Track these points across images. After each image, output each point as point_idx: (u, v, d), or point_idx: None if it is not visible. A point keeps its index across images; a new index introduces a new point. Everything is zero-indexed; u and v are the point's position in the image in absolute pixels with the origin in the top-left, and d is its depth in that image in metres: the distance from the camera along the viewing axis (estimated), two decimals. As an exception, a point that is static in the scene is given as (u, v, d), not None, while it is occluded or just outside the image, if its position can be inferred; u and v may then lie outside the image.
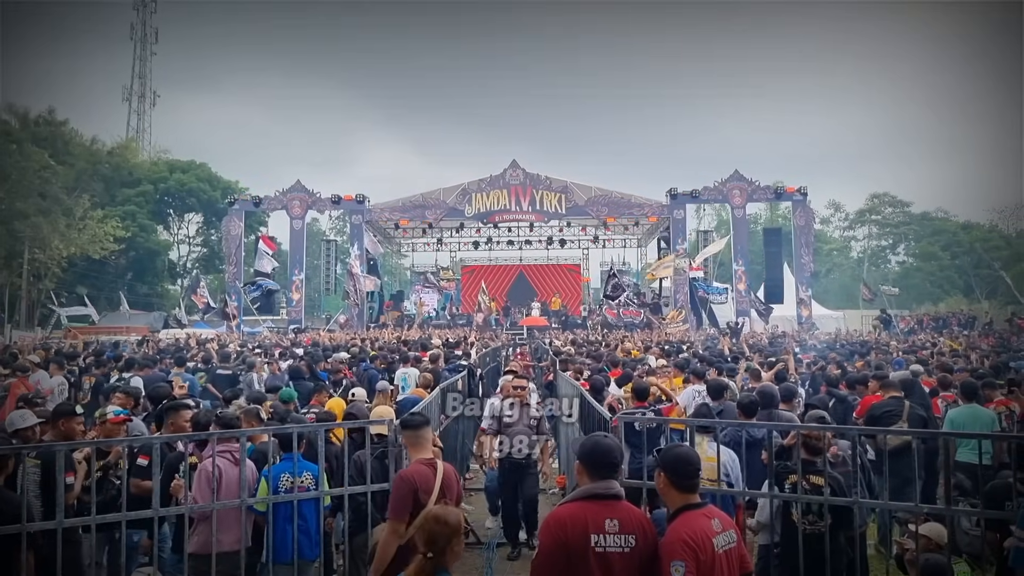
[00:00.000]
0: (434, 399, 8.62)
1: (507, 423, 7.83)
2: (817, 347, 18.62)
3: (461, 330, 28.00)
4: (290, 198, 34.30)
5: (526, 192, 33.79)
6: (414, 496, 4.34)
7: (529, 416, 7.85)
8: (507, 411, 7.89)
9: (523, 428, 7.74)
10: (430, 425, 4.79)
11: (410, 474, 4.45)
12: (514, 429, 7.78)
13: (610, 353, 14.25)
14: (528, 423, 7.81)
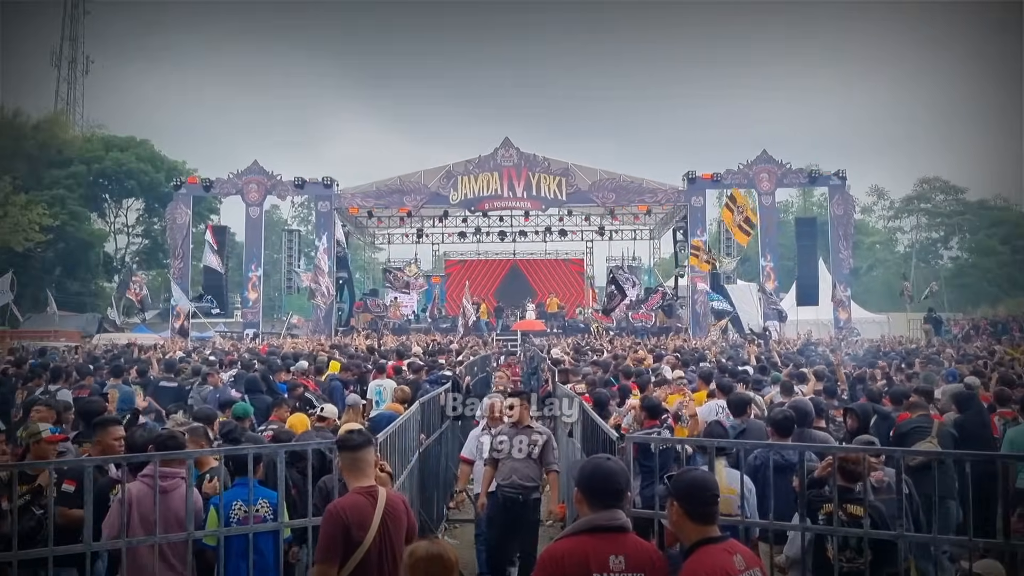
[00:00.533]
0: (412, 415, 8.61)
1: (500, 450, 7.50)
2: (859, 356, 18.66)
3: (445, 335, 28.00)
4: (246, 181, 34.23)
5: (520, 175, 33.79)
6: (345, 534, 4.27)
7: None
8: (500, 438, 7.54)
9: (521, 457, 7.41)
10: (372, 445, 4.68)
11: (341, 507, 4.35)
12: (510, 458, 7.43)
13: (619, 363, 14.25)
14: (529, 449, 7.46)
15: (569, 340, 25.24)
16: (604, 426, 7.13)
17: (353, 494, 4.43)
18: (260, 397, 10.26)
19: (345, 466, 4.59)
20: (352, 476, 4.54)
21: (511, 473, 7.39)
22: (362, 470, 4.53)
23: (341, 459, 4.65)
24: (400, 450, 7.63)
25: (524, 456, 7.39)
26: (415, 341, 22.63)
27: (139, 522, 4.99)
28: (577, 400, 8.83)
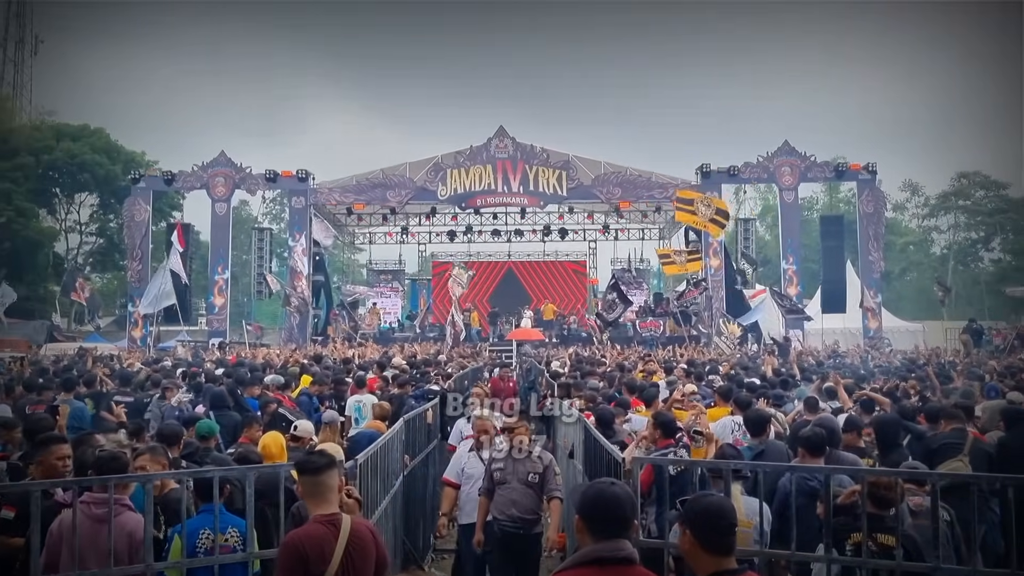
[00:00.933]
0: (396, 435, 8.60)
1: (498, 479, 7.26)
2: (890, 368, 18.68)
3: (432, 345, 27.98)
4: (212, 174, 34.20)
5: (517, 168, 33.82)
6: (304, 568, 4.26)
7: (530, 468, 7.26)
8: (496, 465, 7.28)
9: (519, 486, 7.19)
10: (335, 468, 4.62)
11: (298, 539, 4.34)
12: (507, 487, 7.21)
13: (625, 375, 14.25)
14: (528, 477, 7.24)
15: (570, 350, 25.22)
16: (608, 447, 7.14)
17: (313, 523, 4.40)
18: (227, 414, 10.21)
19: (306, 492, 4.57)
20: (313, 503, 4.51)
21: (509, 505, 7.19)
22: (324, 496, 4.49)
23: (301, 484, 4.62)
24: (382, 473, 7.63)
25: (523, 485, 7.21)
26: (397, 351, 22.63)
27: (68, 556, 4.92)
28: (581, 437, 8.85)
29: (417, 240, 43.53)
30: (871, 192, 33.91)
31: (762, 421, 8.13)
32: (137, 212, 34.54)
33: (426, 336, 32.69)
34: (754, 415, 8.27)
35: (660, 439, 7.70)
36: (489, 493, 7.36)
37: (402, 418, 9.40)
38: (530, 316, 33.73)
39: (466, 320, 33.59)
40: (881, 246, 34.07)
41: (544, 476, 7.26)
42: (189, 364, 19.35)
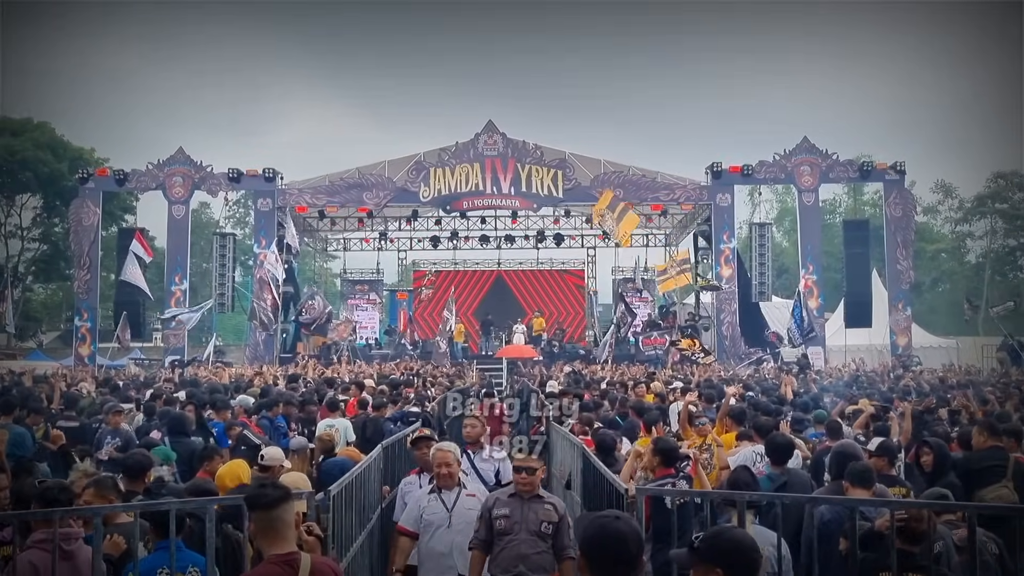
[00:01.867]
0: (374, 463, 8.58)
1: (502, 529, 6.46)
2: (924, 389, 18.71)
3: (412, 363, 27.95)
4: (169, 174, 34.17)
5: (507, 167, 33.85)
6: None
7: (543, 515, 6.48)
8: (500, 510, 6.51)
9: (529, 538, 6.40)
10: (291, 501, 4.49)
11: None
12: (514, 539, 6.41)
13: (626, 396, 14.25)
14: (541, 527, 6.45)
15: (565, 368, 25.23)
16: (610, 476, 7.13)
17: (267, 564, 4.29)
18: (185, 442, 10.14)
19: (258, 529, 4.43)
20: (267, 541, 4.37)
21: (516, 561, 6.37)
22: (280, 533, 4.37)
23: (253, 521, 4.49)
24: (358, 505, 7.60)
25: (534, 537, 6.40)
26: (370, 372, 22.65)
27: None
28: (579, 466, 8.84)
29: (397, 247, 43.52)
30: (899, 194, 34.04)
31: (785, 449, 8.10)
32: (85, 215, 34.41)
33: (405, 353, 32.63)
34: (775, 442, 8.18)
35: (659, 468, 7.71)
36: (485, 546, 6.56)
37: (380, 444, 9.38)
38: (522, 331, 33.67)
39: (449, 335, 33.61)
40: (911, 254, 34.17)
41: (559, 528, 6.43)
42: (142, 383, 19.29)
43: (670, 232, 41.65)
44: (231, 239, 37.24)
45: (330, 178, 35.04)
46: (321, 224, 39.63)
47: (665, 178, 34.37)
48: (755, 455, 8.76)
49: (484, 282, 42.54)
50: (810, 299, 32.59)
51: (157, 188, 34.51)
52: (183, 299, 33.80)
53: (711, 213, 33.94)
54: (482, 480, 8.22)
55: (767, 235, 35.22)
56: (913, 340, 33.31)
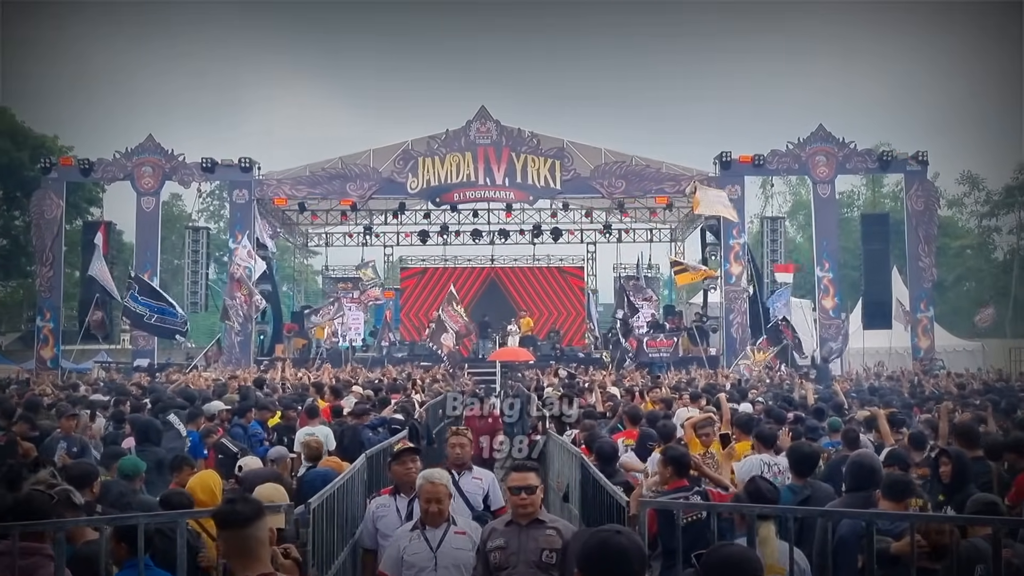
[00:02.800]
0: (357, 473, 8.58)
1: (497, 563, 5.99)
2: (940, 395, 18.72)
3: (401, 367, 27.92)
4: (137, 163, 34.09)
5: (501, 156, 33.81)
6: None
7: (543, 543, 6.01)
8: (496, 541, 6.06)
9: (529, 570, 5.96)
10: (264, 518, 4.35)
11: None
12: (513, 573, 6.01)
13: (627, 403, 14.24)
14: (542, 556, 6.01)
15: (561, 372, 25.20)
16: (611, 488, 7.13)
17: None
18: (152, 450, 10.11)
19: (229, 549, 4.30)
20: (240, 562, 4.23)
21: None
22: (253, 552, 4.22)
23: (221, 540, 4.37)
24: (340, 519, 7.61)
25: (535, 569, 5.95)
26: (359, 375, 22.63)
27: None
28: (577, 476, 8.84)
29: (383, 242, 43.45)
30: (921, 186, 34.01)
31: (810, 460, 8.05)
32: (48, 208, 34.31)
33: (393, 357, 32.59)
34: (799, 452, 8.13)
35: (672, 479, 7.69)
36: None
37: (364, 454, 9.38)
38: (517, 332, 33.67)
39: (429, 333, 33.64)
40: (933, 250, 34.12)
41: (564, 557, 5.91)
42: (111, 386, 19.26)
43: (675, 226, 41.63)
44: (204, 233, 37.19)
45: (311, 168, 34.98)
46: (301, 218, 39.60)
47: (670, 168, 34.35)
48: (763, 464, 8.75)
49: (476, 280, 42.51)
50: (826, 298, 32.64)
51: (125, 179, 34.41)
52: (153, 298, 33.73)
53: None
54: (468, 504, 7.71)
55: (780, 230, 35.19)
56: (936, 342, 33.32)
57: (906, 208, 34.41)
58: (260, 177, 34.59)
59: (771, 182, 37.65)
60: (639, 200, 36.67)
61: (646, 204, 37.87)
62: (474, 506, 7.78)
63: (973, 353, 36.40)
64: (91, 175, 35.11)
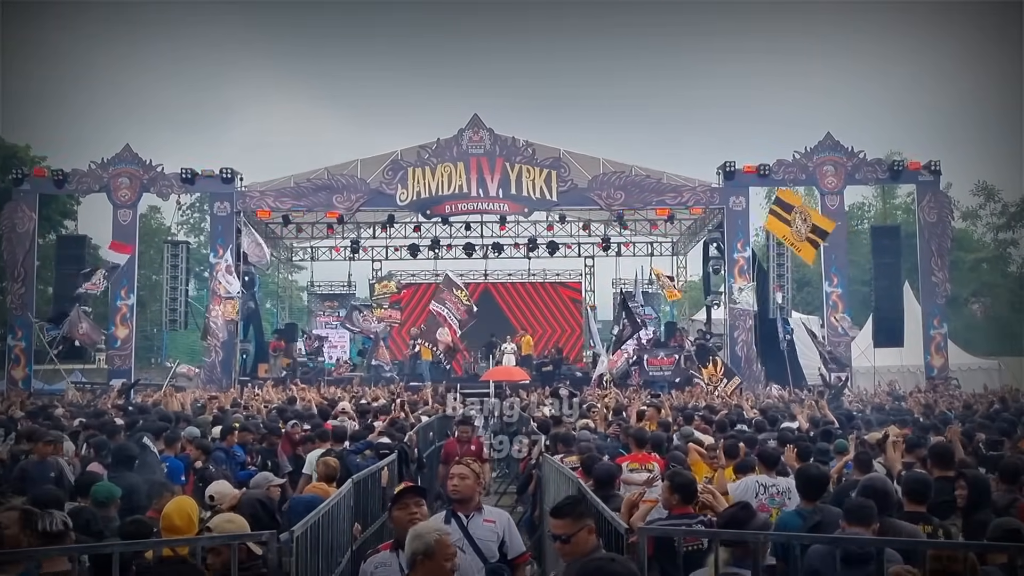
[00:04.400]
0: (343, 499, 8.57)
1: None
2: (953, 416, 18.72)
3: (390, 388, 27.85)
4: (114, 174, 34.04)
5: (495, 167, 33.83)
6: None
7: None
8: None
9: None
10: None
11: None
12: None
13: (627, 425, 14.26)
14: None
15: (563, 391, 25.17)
16: (609, 514, 7.12)
17: None
18: (125, 475, 10.07)
19: None
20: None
21: None
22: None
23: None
24: (325, 547, 7.60)
25: None
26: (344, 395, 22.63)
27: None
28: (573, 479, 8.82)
29: (371, 256, 43.37)
30: (934, 197, 34.08)
31: (819, 482, 8.07)
32: (19, 221, 34.23)
33: (381, 376, 32.52)
34: (807, 475, 8.19)
35: (676, 506, 7.69)
36: None
37: (350, 479, 9.37)
38: (513, 351, 33.62)
39: (414, 353, 33.65)
40: (947, 264, 34.17)
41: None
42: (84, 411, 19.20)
43: (677, 239, 41.71)
44: (184, 248, 37.01)
45: (295, 179, 34.96)
46: (286, 231, 39.57)
47: (672, 179, 34.41)
48: (758, 486, 8.76)
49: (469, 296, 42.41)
50: (833, 315, 32.63)
51: (101, 190, 34.32)
52: (129, 315, 33.61)
53: (723, 218, 33.96)
54: (480, 556, 6.82)
55: (786, 244, 35.18)
56: (950, 360, 33.34)
57: (918, 220, 34.44)
58: (243, 188, 34.56)
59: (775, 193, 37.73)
60: (639, 212, 36.69)
61: (646, 216, 37.90)
62: (487, 557, 6.86)
63: (989, 371, 36.37)
64: (65, 187, 35.01)
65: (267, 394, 24.12)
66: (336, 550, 8.21)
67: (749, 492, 8.71)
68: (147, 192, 34.60)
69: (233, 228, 33.79)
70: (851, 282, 35.75)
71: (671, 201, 34.56)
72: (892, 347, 32.68)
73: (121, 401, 22.92)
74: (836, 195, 33.93)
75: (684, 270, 43.99)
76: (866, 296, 38.12)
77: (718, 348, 33.57)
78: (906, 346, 32.93)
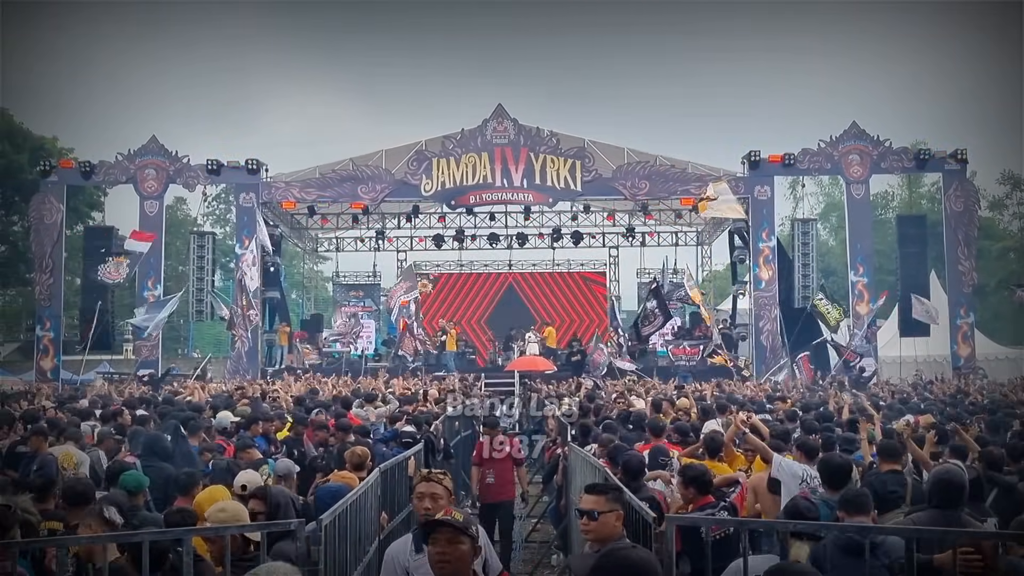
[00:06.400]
0: (371, 488, 8.57)
1: None
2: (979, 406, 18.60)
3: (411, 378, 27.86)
4: (140, 165, 34.17)
5: (519, 157, 33.77)
6: None
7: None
8: None
9: None
10: None
11: None
12: None
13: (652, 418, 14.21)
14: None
15: (588, 383, 25.12)
16: (637, 503, 7.09)
17: None
18: (158, 465, 10.08)
19: None
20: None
21: None
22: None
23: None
24: (353, 536, 7.59)
25: None
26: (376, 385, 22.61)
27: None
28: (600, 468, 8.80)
29: (396, 247, 43.42)
30: (960, 186, 33.85)
31: (841, 471, 7.95)
32: (47, 212, 34.40)
33: (407, 366, 32.51)
34: (829, 464, 8.10)
35: (695, 499, 7.67)
36: None
37: (377, 468, 9.36)
38: (537, 342, 33.50)
39: (438, 342, 33.68)
40: (974, 253, 33.93)
41: None
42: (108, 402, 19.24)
43: (702, 229, 41.54)
44: (210, 239, 36.94)
45: (320, 170, 35.01)
46: (311, 222, 39.61)
47: (696, 169, 34.27)
48: (804, 471, 8.64)
49: (493, 287, 42.36)
50: (859, 304, 32.46)
51: (127, 182, 34.48)
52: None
53: (748, 208, 33.79)
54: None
55: (811, 232, 34.93)
56: (976, 350, 33.13)
57: (944, 209, 34.21)
58: (268, 179, 34.65)
59: (802, 182, 37.58)
60: (664, 202, 36.59)
61: (671, 206, 37.81)
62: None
63: (1017, 361, 36.15)
64: (92, 178, 35.22)
65: (291, 385, 24.19)
66: (364, 539, 8.19)
67: (796, 477, 8.61)
68: (173, 183, 34.71)
69: (257, 219, 33.73)
70: (876, 271, 35.56)
71: (696, 191, 34.27)
72: (918, 336, 32.50)
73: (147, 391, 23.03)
74: (861, 184, 33.75)
75: (709, 260, 43.88)
76: (891, 285, 37.87)
77: (743, 338, 33.50)
78: (932, 336, 32.76)
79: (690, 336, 34.47)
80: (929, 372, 30.84)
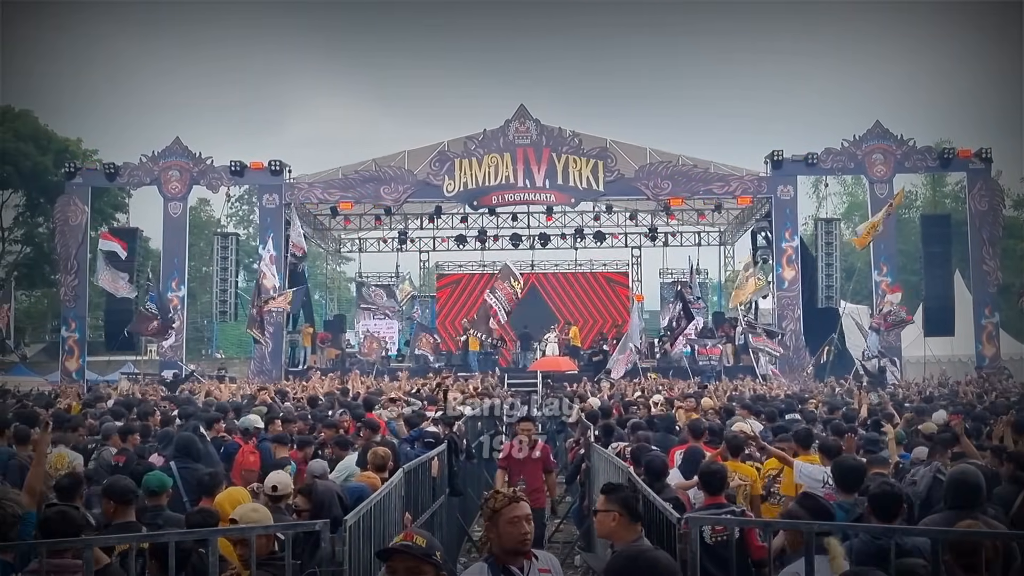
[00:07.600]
0: (395, 489, 8.57)
1: None
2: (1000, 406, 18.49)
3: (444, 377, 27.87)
4: (164, 167, 34.34)
5: (541, 157, 33.76)
6: None
7: None
8: None
9: None
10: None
11: None
12: None
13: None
14: None
15: (609, 383, 25.10)
16: (660, 504, 7.07)
17: None
18: (192, 467, 10.05)
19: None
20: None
21: None
22: None
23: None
24: (377, 537, 7.60)
25: None
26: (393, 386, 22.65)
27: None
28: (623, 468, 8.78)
29: (418, 247, 43.45)
30: (985, 185, 33.70)
31: (855, 473, 7.84)
32: (72, 214, 34.61)
33: (429, 367, 32.53)
34: (843, 466, 7.96)
35: (707, 497, 7.66)
36: None
37: (401, 468, 9.36)
38: (556, 341, 33.42)
39: (461, 344, 33.72)
40: (998, 252, 33.83)
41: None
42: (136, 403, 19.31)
43: (725, 229, 41.46)
44: (233, 240, 37.16)
45: (343, 171, 35.06)
46: (334, 222, 39.71)
47: (719, 168, 34.21)
48: (825, 474, 8.56)
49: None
50: (882, 303, 32.30)
51: (152, 183, 34.64)
52: (180, 307, 33.83)
53: (771, 208, 33.76)
54: None
55: (835, 232, 34.83)
56: (1001, 350, 32.96)
57: (969, 208, 34.10)
58: (291, 181, 34.73)
59: (825, 182, 37.40)
60: (686, 202, 36.51)
61: (694, 206, 37.74)
62: None
63: (1042, 360, 35.92)
64: (116, 180, 35.39)
65: (321, 383, 24.25)
66: (388, 539, 8.18)
67: (816, 481, 8.55)
68: (197, 184, 34.91)
69: (281, 220, 33.87)
70: (900, 271, 35.42)
71: (718, 191, 34.37)
72: (943, 336, 32.35)
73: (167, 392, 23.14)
74: (885, 183, 33.62)
75: (732, 259, 43.74)
76: (916, 285, 37.74)
77: (771, 337, 33.40)
78: (957, 335, 32.62)
79: (713, 336, 34.37)
80: (953, 372, 30.69)
